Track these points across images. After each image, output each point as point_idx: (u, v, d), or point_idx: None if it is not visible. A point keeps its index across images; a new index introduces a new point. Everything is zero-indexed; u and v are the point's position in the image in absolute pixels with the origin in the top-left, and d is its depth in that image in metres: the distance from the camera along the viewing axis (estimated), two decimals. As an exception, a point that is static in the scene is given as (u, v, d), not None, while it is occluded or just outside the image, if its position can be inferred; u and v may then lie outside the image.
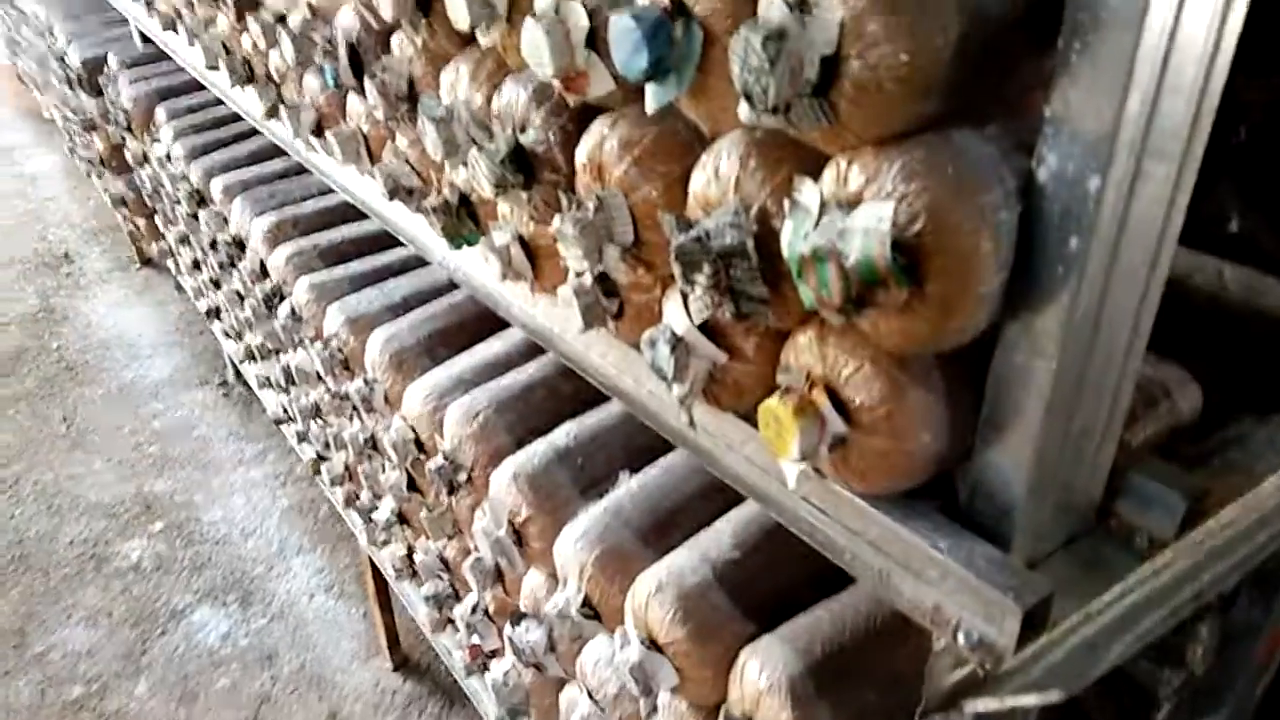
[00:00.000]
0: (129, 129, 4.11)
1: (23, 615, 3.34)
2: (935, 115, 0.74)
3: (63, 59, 5.09)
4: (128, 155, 4.24)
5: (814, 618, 1.26)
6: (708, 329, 0.97)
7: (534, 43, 0.97)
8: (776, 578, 1.37)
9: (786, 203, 0.79)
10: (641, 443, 1.70)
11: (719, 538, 1.41)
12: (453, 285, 2.34)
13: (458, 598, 2.21)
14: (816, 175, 0.79)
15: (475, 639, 2.01)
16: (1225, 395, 1.23)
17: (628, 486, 1.61)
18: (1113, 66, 0.65)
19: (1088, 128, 0.68)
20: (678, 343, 0.97)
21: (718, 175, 0.88)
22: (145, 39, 4.16)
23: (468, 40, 1.23)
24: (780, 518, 1.04)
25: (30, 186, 6.90)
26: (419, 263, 2.54)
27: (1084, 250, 0.71)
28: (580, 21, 0.95)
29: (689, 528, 1.50)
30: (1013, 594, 0.80)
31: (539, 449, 1.72)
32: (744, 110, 0.76)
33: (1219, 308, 1.41)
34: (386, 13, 1.27)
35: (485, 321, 2.16)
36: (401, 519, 2.35)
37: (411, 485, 2.16)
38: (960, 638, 0.85)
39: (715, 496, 1.53)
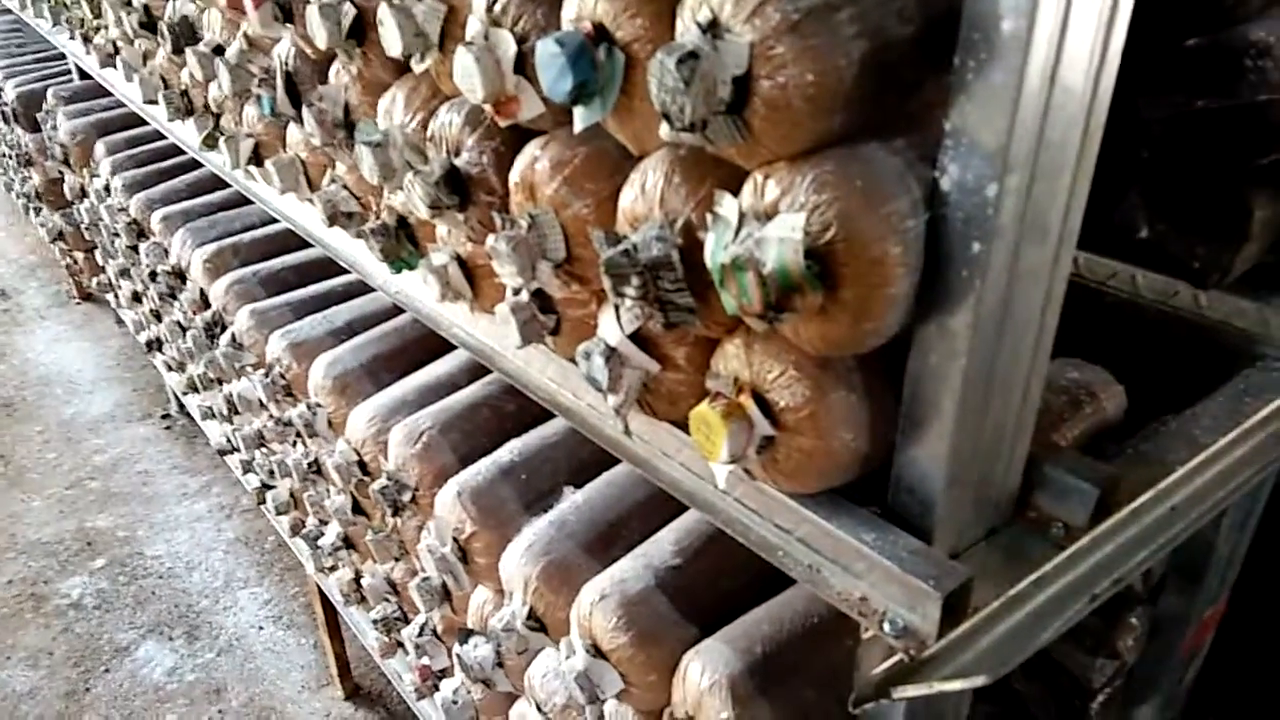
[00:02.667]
0: (67, 163, 4.08)
1: (-40, 660, 3.27)
2: (843, 130, 0.79)
3: (-3, 95, 5.05)
4: (66, 190, 4.20)
5: (753, 619, 1.30)
6: (640, 340, 1.01)
7: (465, 69, 1.00)
8: (717, 582, 1.40)
9: (709, 216, 0.83)
10: (584, 457, 1.73)
11: (661, 546, 1.44)
12: (395, 310, 2.36)
13: (406, 620, 2.21)
14: (737, 190, 0.83)
15: (425, 660, 2.02)
16: (1145, 394, 1.29)
17: (571, 500, 1.63)
18: (1004, 82, 0.70)
19: (984, 139, 0.73)
20: (611, 354, 1.00)
21: (644, 192, 0.92)
22: (83, 74, 4.13)
23: (402, 68, 1.26)
24: (716, 520, 1.07)
25: (-37, 224, 6.79)
26: (361, 288, 2.55)
27: (986, 253, 0.76)
28: (508, 48, 0.99)
29: (632, 538, 1.53)
30: (933, 582, 0.84)
31: (483, 466, 1.73)
32: (664, 129, 0.80)
33: (1134, 311, 1.48)
34: (321, 42, 1.29)
35: (428, 344, 2.18)
36: (348, 543, 2.35)
37: (357, 509, 2.16)
38: (886, 626, 0.89)
39: (657, 507, 1.57)
